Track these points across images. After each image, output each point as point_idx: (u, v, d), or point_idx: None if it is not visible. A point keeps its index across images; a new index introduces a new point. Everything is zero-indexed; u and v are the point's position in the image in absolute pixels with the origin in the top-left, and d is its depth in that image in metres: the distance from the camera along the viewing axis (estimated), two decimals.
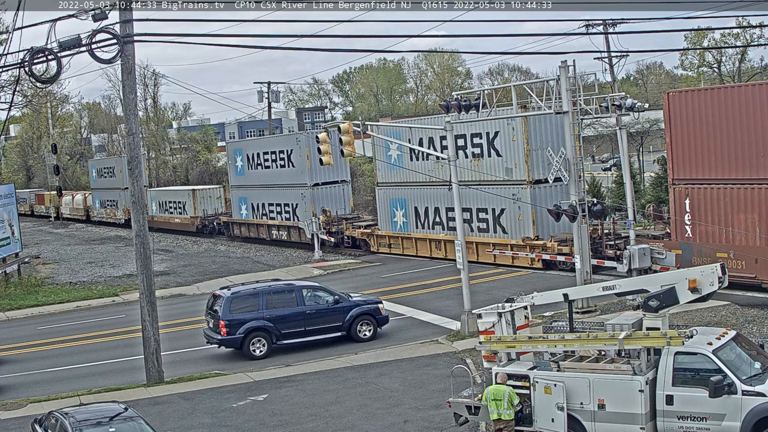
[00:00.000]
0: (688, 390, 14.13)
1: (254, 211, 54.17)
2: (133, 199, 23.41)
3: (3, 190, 44.34)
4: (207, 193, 62.99)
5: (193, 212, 61.96)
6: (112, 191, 74.92)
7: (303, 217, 47.39)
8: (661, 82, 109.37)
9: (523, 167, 34.82)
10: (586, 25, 54.29)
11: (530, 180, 34.68)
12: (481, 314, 17.35)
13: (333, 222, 47.10)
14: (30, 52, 20.46)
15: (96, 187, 79.79)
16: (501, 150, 35.76)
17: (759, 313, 23.90)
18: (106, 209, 77.03)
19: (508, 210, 35.44)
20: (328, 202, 48.45)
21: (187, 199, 62.73)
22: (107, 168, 76.97)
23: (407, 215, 42.01)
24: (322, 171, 47.27)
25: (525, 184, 34.79)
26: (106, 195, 76.87)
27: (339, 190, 49.29)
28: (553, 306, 21.80)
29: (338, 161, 44.30)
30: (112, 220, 75.46)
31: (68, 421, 15.28)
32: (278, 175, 50.54)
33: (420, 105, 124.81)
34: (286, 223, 50.70)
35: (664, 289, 15.97)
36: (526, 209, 34.69)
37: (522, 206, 34.64)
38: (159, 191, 71.40)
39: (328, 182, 48.74)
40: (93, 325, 32.79)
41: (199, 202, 62.02)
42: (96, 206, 79.41)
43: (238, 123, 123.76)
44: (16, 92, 43.55)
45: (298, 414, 19.32)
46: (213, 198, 62.65)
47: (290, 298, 25.93)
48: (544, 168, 33.36)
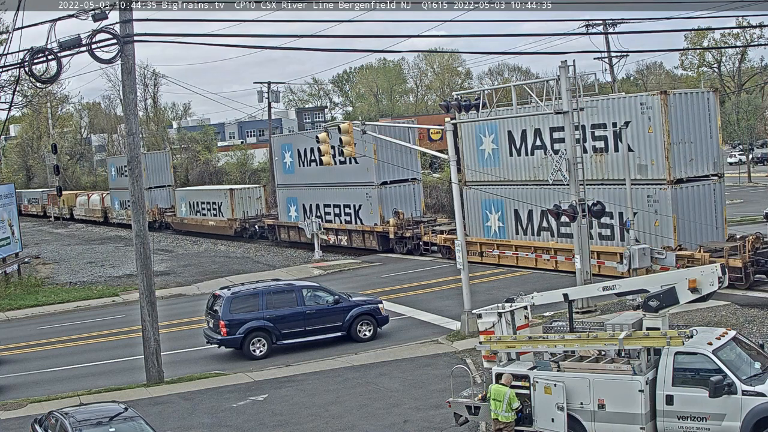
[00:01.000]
0: (688, 390, 14.12)
1: (306, 213, 49.32)
2: (133, 199, 23.40)
3: (3, 190, 44.33)
4: (246, 193, 57.93)
5: (230, 214, 56.99)
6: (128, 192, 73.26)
7: (368, 220, 43.52)
8: (661, 82, 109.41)
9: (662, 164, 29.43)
10: (586, 25, 54.38)
11: (671, 179, 29.36)
12: (481, 314, 17.35)
13: (406, 225, 42.37)
14: (30, 52, 20.46)
15: (115, 186, 74.35)
16: (632, 143, 29.79)
17: (759, 313, 23.91)
18: (128, 211, 68.63)
19: (642, 214, 29.69)
20: (397, 202, 43.42)
21: (223, 200, 57.72)
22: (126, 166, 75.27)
23: (504, 219, 36.15)
24: (391, 168, 42.61)
25: (664, 183, 29.43)
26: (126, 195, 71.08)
27: (409, 189, 43.96)
28: (553, 306, 21.80)
29: (407, 157, 42.08)
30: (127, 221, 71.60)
31: (68, 421, 15.28)
32: (337, 172, 44.37)
33: (420, 105, 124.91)
34: (346, 227, 45.92)
35: (664, 289, 15.98)
36: (665, 213, 29.39)
37: (660, 209, 29.48)
38: (190, 191, 66.76)
39: (398, 180, 43.51)
40: (93, 325, 32.79)
41: (238, 203, 56.93)
42: (115, 207, 74.93)
43: (238, 123, 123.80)
44: (16, 92, 43.56)
45: (298, 414, 19.32)
46: (253, 198, 57.60)
47: (290, 298, 25.92)
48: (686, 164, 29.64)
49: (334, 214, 47.14)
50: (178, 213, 65.02)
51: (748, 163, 69.29)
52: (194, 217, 61.76)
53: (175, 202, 66.64)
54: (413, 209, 43.79)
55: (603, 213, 26.51)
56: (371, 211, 43.44)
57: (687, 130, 29.58)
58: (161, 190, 69.27)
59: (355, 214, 45.14)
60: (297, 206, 50.28)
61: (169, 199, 68.95)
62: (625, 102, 30.54)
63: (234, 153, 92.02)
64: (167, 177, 70.15)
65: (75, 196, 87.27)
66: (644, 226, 29.63)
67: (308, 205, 49.39)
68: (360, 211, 44.73)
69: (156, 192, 68.80)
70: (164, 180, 69.87)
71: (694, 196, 29.94)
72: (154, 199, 67.90)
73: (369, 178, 42.94)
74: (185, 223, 62.95)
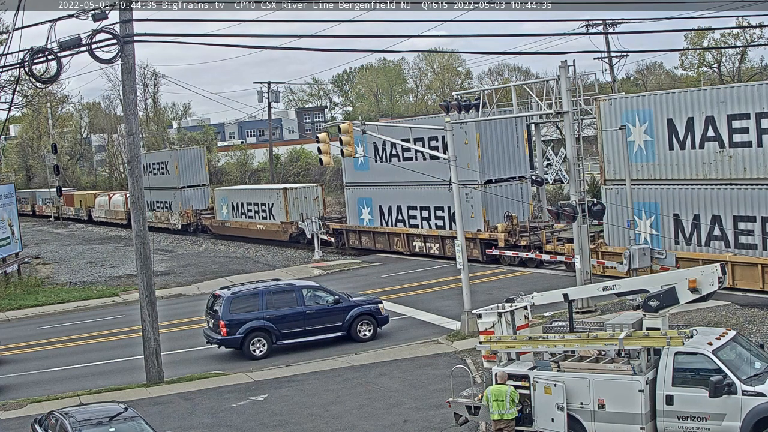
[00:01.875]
0: (688, 390, 14.13)
1: (384, 217, 42.95)
2: (132, 199, 23.41)
3: (3, 190, 44.32)
4: (302, 193, 51.24)
5: (284, 216, 50.11)
6: (163, 191, 64.14)
7: (469, 225, 36.53)
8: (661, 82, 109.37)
9: None
10: (586, 25, 54.40)
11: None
12: (481, 314, 17.35)
13: (521, 231, 35.86)
14: (30, 52, 20.47)
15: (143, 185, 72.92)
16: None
17: (759, 313, 23.91)
18: (156, 212, 66.22)
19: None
20: (503, 204, 37.09)
21: (275, 200, 51.26)
22: (158, 164, 65.93)
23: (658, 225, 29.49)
24: (496, 164, 37.11)
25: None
26: (155, 195, 65.17)
27: (516, 188, 37.85)
28: (553, 306, 21.80)
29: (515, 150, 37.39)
30: (165, 224, 64.73)
31: (68, 421, 15.29)
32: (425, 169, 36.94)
33: (420, 105, 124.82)
34: (438, 233, 39.70)
35: (664, 289, 15.98)
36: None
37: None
38: (233, 191, 59.63)
39: (504, 179, 37.57)
40: (93, 325, 32.79)
41: (293, 203, 50.21)
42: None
43: (238, 123, 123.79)
44: (16, 92, 43.55)
45: (298, 414, 19.32)
46: (309, 199, 50.98)
47: (290, 298, 25.92)
48: None
49: (422, 217, 40.83)
50: (218, 215, 58.72)
51: None
52: (238, 221, 55.13)
53: (214, 203, 60.51)
54: (521, 212, 37.25)
55: (603, 213, 26.50)
56: (472, 214, 36.98)
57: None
58: (195, 189, 63.40)
59: (450, 217, 38.61)
60: (372, 208, 43.71)
61: (204, 200, 63.46)
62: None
63: (234, 153, 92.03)
64: (202, 175, 63.91)
65: (94, 196, 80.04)
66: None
67: (386, 206, 43.20)
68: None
69: (189, 192, 63.17)
70: (199, 178, 63.70)
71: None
72: (187, 199, 62.93)
73: (470, 175, 35.30)
74: (227, 226, 56.80)
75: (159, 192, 64.54)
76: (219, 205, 58.42)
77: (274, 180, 72.43)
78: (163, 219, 65.18)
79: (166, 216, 64.70)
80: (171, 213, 64.13)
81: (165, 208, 65.45)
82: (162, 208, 66.01)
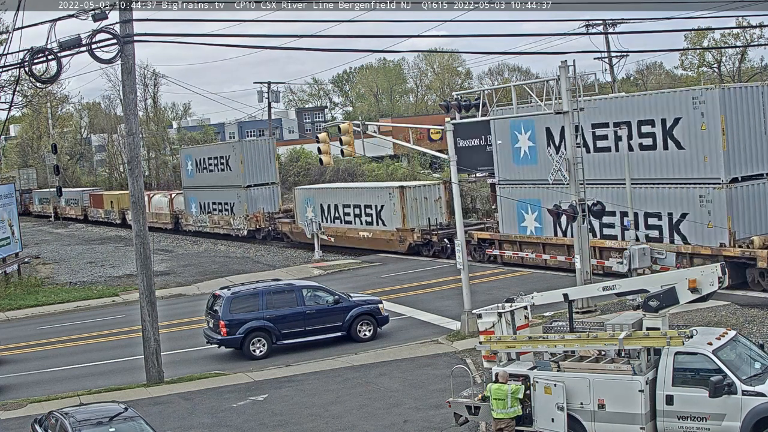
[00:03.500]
0: (688, 390, 14.13)
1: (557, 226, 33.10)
2: (133, 199, 23.40)
3: (3, 190, 44.33)
4: (421, 192, 41.67)
5: (400, 222, 41.36)
6: (222, 191, 55.65)
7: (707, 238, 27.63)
8: (661, 82, 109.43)
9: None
10: (586, 25, 54.42)
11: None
12: (481, 314, 17.36)
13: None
14: (30, 52, 20.47)
15: (192, 185, 60.36)
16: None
17: (759, 313, 23.91)
18: (213, 216, 57.17)
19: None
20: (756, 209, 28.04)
21: (386, 202, 42.46)
22: (215, 158, 56.85)
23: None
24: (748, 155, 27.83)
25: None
26: (211, 196, 57.33)
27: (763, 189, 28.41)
28: (553, 306, 21.80)
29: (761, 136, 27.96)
30: (225, 230, 55.79)
31: (68, 421, 15.29)
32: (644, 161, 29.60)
33: (420, 105, 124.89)
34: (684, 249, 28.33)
35: (664, 289, 15.97)
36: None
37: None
38: (322, 190, 49.85)
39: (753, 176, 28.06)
40: (93, 325, 32.80)
41: (411, 206, 41.24)
42: (192, 211, 60.44)
43: (238, 123, 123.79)
44: (16, 92, 43.57)
45: (298, 414, 19.32)
46: (430, 200, 41.62)
47: (290, 298, 25.92)
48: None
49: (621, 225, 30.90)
50: (301, 220, 48.66)
51: None
52: (332, 226, 46.28)
53: (294, 205, 51.02)
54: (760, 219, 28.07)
55: (603, 213, 26.50)
56: (710, 223, 27.50)
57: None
58: (264, 188, 54.16)
59: (671, 226, 29.05)
60: (539, 213, 33.83)
61: (273, 201, 54.40)
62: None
63: None
64: (271, 172, 54.43)
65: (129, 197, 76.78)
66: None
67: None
68: (682, 222, 28.64)
69: (257, 191, 53.95)
70: (268, 176, 54.42)
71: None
72: (254, 200, 53.74)
73: (707, 171, 27.74)
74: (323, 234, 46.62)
75: (216, 192, 56.36)
76: (301, 208, 49.01)
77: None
78: (222, 224, 55.78)
79: (227, 220, 55.32)
80: (233, 216, 54.74)
81: (225, 210, 56.01)
82: (220, 211, 56.49)
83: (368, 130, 29.97)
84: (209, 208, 57.90)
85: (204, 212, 58.55)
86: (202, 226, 58.79)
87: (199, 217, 59.33)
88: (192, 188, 60.52)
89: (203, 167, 58.10)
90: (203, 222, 58.61)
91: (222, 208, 56.59)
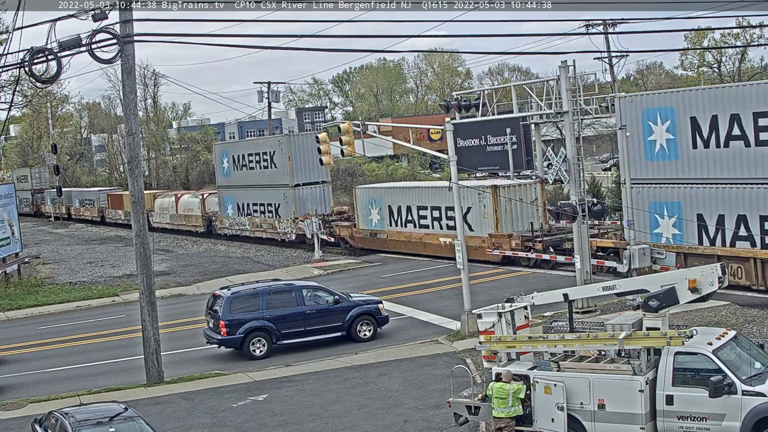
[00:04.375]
0: (688, 390, 14.12)
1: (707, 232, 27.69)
2: (133, 199, 23.38)
3: (3, 190, 44.31)
4: (516, 192, 36.38)
5: (493, 227, 36.26)
6: (265, 190, 50.33)
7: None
8: (661, 82, 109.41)
9: None
10: (586, 25, 54.39)
11: None
12: (481, 314, 17.35)
13: None
14: (30, 52, 20.47)
15: (228, 184, 54.74)
16: None
17: (759, 313, 23.91)
18: (253, 218, 51.70)
19: None
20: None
21: (474, 203, 36.91)
22: (257, 155, 51.01)
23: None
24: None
25: None
26: (251, 196, 51.94)
27: None
28: (553, 306, 21.80)
29: None
30: (269, 234, 50.08)
31: (68, 421, 15.29)
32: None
33: (420, 105, 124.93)
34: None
35: (664, 289, 15.97)
36: None
37: None
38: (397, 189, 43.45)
39: None
40: (93, 325, 32.80)
41: (505, 209, 36.16)
42: (228, 213, 55.00)
43: (238, 123, 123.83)
44: (16, 92, 43.57)
45: (298, 414, 19.32)
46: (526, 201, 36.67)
47: (290, 298, 25.92)
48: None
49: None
50: (364, 223, 44.10)
51: None
52: (403, 231, 41.20)
53: (355, 206, 45.42)
54: None
55: (603, 213, 26.48)
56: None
57: None
58: (313, 188, 48.95)
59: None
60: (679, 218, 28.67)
61: (323, 201, 48.83)
62: None
63: None
64: (321, 169, 47.32)
65: (152, 197, 64.27)
66: None
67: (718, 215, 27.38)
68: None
69: (305, 191, 48.46)
70: (318, 173, 48.19)
71: None
72: (303, 201, 48.14)
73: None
74: (381, 239, 42.44)
75: (258, 191, 50.98)
76: (364, 209, 43.92)
77: None
78: (266, 227, 50.36)
79: (271, 223, 49.92)
80: (279, 219, 49.18)
81: (268, 212, 50.47)
82: (262, 213, 51.06)
83: (368, 130, 29.93)
84: (248, 209, 52.64)
85: (242, 214, 53.15)
86: (240, 229, 53.49)
87: (236, 219, 53.87)
88: (228, 187, 54.96)
89: (242, 164, 52.54)
90: (242, 225, 53.23)
91: (265, 209, 51.10)
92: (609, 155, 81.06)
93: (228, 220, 54.96)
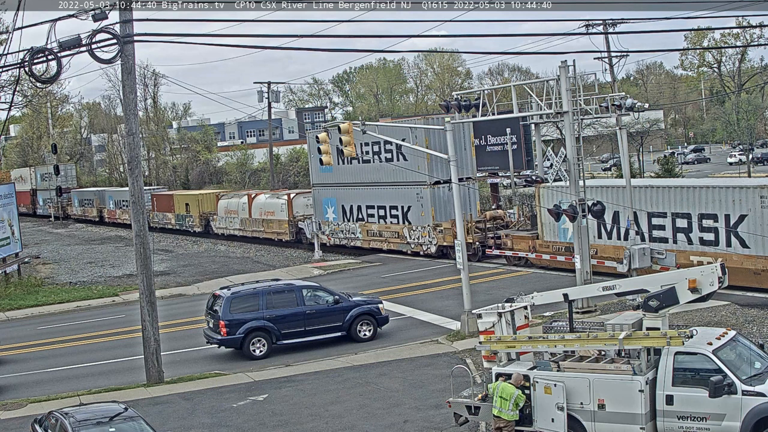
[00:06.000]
0: (688, 390, 14.12)
1: None
2: (133, 199, 23.37)
3: (3, 190, 44.31)
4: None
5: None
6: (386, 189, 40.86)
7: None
8: (661, 82, 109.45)
9: None
10: (586, 25, 54.41)
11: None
12: (481, 314, 17.35)
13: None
14: (30, 52, 20.46)
15: (329, 181, 44.67)
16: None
17: (759, 313, 23.91)
18: (368, 225, 42.18)
19: None
20: None
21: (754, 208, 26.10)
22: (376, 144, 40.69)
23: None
24: None
25: None
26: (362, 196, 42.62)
27: None
28: (553, 306, 21.80)
29: None
30: (394, 245, 40.79)
31: (68, 421, 15.29)
32: None
33: (420, 105, 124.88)
34: None
35: (664, 289, 15.97)
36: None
37: None
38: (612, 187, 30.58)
39: None
40: (93, 325, 32.79)
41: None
42: (328, 218, 44.84)
43: (238, 123, 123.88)
44: (16, 92, 43.58)
45: (298, 414, 19.32)
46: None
47: (290, 298, 25.91)
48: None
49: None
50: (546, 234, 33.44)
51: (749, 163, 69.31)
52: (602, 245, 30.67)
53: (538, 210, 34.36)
54: None
55: (603, 213, 26.48)
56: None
57: None
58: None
59: None
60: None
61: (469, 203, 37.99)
62: None
63: (234, 153, 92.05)
64: (468, 163, 39.51)
65: (216, 197, 55.33)
66: None
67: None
68: None
69: (442, 190, 38.87)
70: (464, 169, 37.60)
71: None
72: (443, 203, 38.77)
73: None
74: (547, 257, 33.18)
75: (375, 190, 41.62)
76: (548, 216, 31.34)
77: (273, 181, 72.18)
78: (388, 235, 41.00)
79: (396, 231, 40.44)
80: (410, 227, 39.79)
81: (391, 217, 40.99)
82: (382, 218, 41.52)
83: (368, 131, 29.91)
84: (359, 213, 42.91)
85: (350, 219, 43.53)
86: (348, 237, 43.78)
87: (341, 225, 44.01)
88: (327, 186, 44.81)
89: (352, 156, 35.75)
90: (352, 232, 43.41)
91: (385, 213, 41.28)
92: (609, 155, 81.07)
93: (329, 226, 45.10)
